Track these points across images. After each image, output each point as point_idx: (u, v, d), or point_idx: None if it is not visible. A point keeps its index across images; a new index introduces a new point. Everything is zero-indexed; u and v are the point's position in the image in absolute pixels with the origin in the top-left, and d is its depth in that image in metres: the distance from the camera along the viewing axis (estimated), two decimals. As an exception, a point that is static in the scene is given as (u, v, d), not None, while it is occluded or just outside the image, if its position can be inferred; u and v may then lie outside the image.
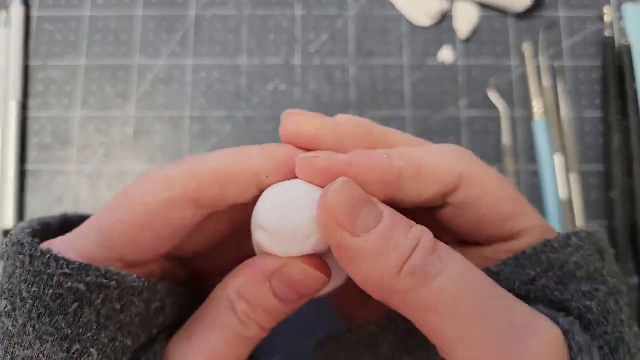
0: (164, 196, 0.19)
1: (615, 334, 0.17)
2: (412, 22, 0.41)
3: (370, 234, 0.17)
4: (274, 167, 0.19)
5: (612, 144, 0.38)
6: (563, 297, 0.18)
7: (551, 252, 0.19)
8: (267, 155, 0.19)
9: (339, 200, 0.17)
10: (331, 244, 0.18)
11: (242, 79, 0.41)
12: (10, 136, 0.39)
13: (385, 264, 0.16)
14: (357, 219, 0.17)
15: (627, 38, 0.40)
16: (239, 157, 0.19)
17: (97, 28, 0.41)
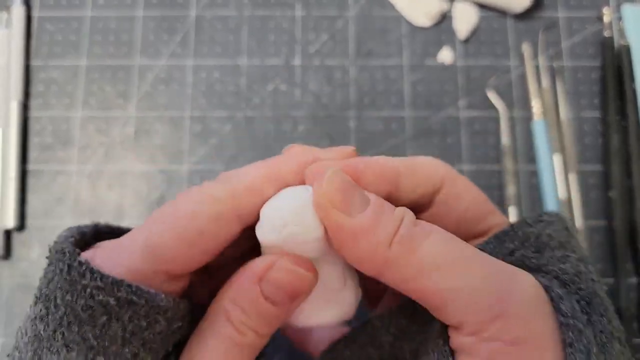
0: (214, 215, 0.20)
1: (589, 289, 0.19)
2: (412, 23, 0.42)
3: (362, 214, 0.19)
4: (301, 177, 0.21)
5: (611, 144, 0.38)
6: (540, 263, 0.20)
7: (527, 227, 0.21)
8: (298, 165, 0.21)
9: (333, 186, 0.19)
10: (329, 227, 0.19)
11: (242, 79, 0.41)
12: (11, 136, 0.39)
13: (377, 238, 0.18)
14: (349, 202, 0.19)
15: (626, 39, 0.40)
16: (272, 170, 0.21)
17: (98, 29, 0.42)
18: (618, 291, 0.36)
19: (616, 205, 0.37)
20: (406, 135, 0.40)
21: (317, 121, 0.40)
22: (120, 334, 0.18)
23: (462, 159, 0.39)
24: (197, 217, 0.20)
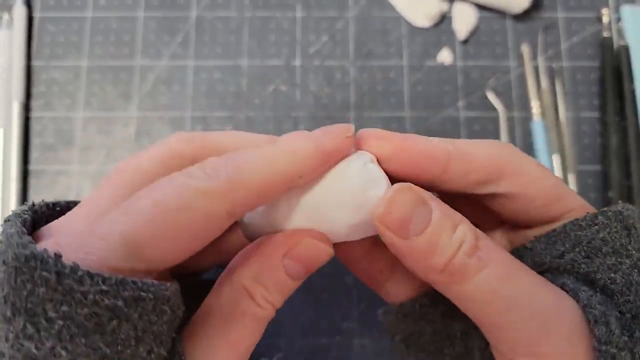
0: (204, 212, 0.18)
1: (637, 303, 0.19)
2: (412, 24, 0.42)
3: (419, 238, 0.19)
4: (309, 170, 0.20)
5: (610, 144, 0.38)
6: (589, 270, 0.20)
7: (579, 230, 0.21)
8: (301, 157, 0.19)
9: (392, 208, 0.19)
10: (385, 242, 0.20)
11: (243, 80, 0.41)
12: (13, 137, 0.39)
13: (430, 263, 0.19)
14: (408, 226, 0.19)
15: (625, 39, 0.40)
16: (275, 165, 0.19)
17: (99, 29, 0.42)
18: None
19: (615, 205, 0.37)
20: (406, 136, 0.40)
21: (317, 121, 0.40)
22: (132, 334, 0.17)
23: (461, 159, 0.39)
24: (185, 213, 0.18)
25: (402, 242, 0.19)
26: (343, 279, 0.37)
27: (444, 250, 0.19)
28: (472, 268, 0.19)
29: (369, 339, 0.36)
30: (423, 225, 0.19)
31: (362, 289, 0.37)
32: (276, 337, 0.36)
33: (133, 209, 0.18)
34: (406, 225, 0.19)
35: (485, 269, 0.19)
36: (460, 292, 0.19)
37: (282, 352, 0.36)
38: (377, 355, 0.36)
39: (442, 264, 0.19)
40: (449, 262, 0.19)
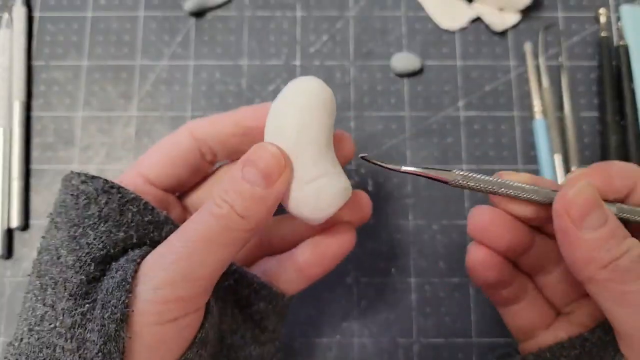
0: (184, 145, 0.28)
1: None
2: (439, 26, 0.42)
3: (593, 231, 0.21)
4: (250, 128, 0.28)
5: (610, 144, 0.38)
6: None
7: None
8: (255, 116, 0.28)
9: (576, 199, 0.22)
10: (557, 227, 0.22)
11: (243, 79, 0.41)
12: (15, 136, 0.39)
13: (596, 257, 0.21)
14: (584, 218, 0.21)
15: (624, 39, 0.41)
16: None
17: (99, 29, 0.42)
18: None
19: (615, 205, 0.37)
20: (406, 135, 0.40)
21: (317, 121, 0.40)
22: (97, 213, 0.24)
23: (461, 159, 0.40)
24: (172, 146, 0.29)
25: (575, 231, 0.21)
26: (343, 278, 0.37)
27: (613, 248, 0.21)
28: (635, 273, 0.21)
29: (369, 338, 0.36)
30: (598, 223, 0.21)
31: (362, 288, 0.37)
32: (276, 337, 0.36)
33: (152, 148, 0.30)
34: (584, 216, 0.21)
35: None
36: (614, 290, 0.21)
37: (282, 352, 0.36)
38: (377, 355, 0.36)
39: (607, 259, 0.21)
40: (615, 260, 0.21)
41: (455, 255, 0.38)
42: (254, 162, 0.23)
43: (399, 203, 0.39)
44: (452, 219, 0.38)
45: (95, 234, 0.23)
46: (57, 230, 0.24)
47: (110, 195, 0.25)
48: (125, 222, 0.24)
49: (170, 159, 0.28)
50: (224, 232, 0.23)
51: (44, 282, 0.23)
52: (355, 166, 0.39)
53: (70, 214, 0.24)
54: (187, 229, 0.23)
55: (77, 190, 0.24)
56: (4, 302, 0.37)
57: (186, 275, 0.22)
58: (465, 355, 0.36)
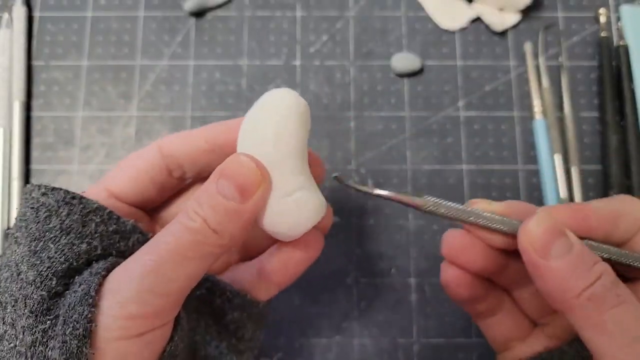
0: (150, 161, 0.27)
1: None
2: (439, 26, 0.42)
3: (558, 260, 0.21)
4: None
5: (610, 144, 0.38)
6: None
7: None
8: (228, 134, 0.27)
9: (536, 230, 0.21)
10: (525, 261, 0.22)
11: (243, 79, 0.41)
12: (15, 137, 0.39)
13: (567, 285, 0.21)
14: (549, 248, 0.21)
15: (624, 39, 0.41)
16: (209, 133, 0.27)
17: (99, 29, 0.42)
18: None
19: (615, 205, 0.37)
20: (406, 135, 0.40)
21: (317, 121, 0.40)
22: (58, 226, 0.23)
23: (461, 159, 0.40)
24: (138, 163, 0.27)
25: (542, 262, 0.21)
26: (343, 278, 0.37)
27: (582, 275, 0.21)
28: (610, 300, 0.20)
29: (368, 338, 0.36)
30: (563, 251, 0.21)
31: (362, 288, 0.37)
32: (276, 337, 0.36)
33: (119, 164, 0.28)
34: (548, 246, 0.21)
35: (622, 305, 0.20)
36: (591, 319, 0.20)
37: (282, 352, 0.36)
38: (377, 355, 0.36)
39: (580, 287, 0.20)
40: (587, 287, 0.20)
41: (455, 256, 0.38)
42: (229, 174, 0.22)
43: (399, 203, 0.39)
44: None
45: (56, 247, 0.23)
46: (17, 245, 0.23)
47: (72, 206, 0.24)
48: (89, 233, 0.24)
49: (134, 174, 0.27)
50: (196, 246, 0.22)
51: (4, 299, 0.22)
52: (355, 166, 0.39)
53: (31, 228, 0.23)
54: (157, 242, 0.22)
55: (37, 202, 0.24)
56: (3, 302, 0.37)
57: (154, 290, 0.21)
58: (465, 355, 0.36)
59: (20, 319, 0.21)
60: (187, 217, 0.22)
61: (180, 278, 0.21)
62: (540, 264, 0.21)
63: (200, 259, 0.22)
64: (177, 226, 0.22)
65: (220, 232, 0.22)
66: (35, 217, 0.23)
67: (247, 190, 0.22)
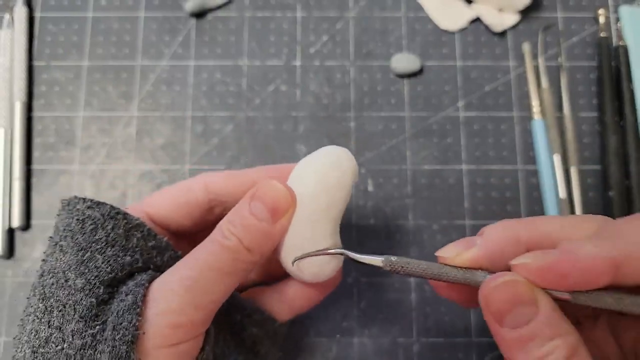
0: (195, 195, 0.29)
1: None
2: (438, 26, 0.42)
3: (513, 331, 0.20)
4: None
5: (609, 144, 0.39)
6: None
7: None
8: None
9: (495, 296, 0.21)
10: (485, 319, 0.21)
11: (243, 80, 0.41)
12: (16, 137, 0.39)
13: (514, 357, 0.20)
14: (504, 316, 0.20)
15: (624, 39, 0.41)
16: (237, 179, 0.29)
17: (100, 29, 0.42)
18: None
19: (615, 205, 0.37)
20: (406, 136, 0.40)
21: (317, 121, 0.40)
22: (104, 238, 0.25)
23: (461, 159, 0.40)
24: (183, 194, 0.29)
25: (496, 327, 0.21)
26: (343, 278, 0.38)
27: (532, 350, 0.20)
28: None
29: (369, 337, 0.37)
30: (519, 322, 0.20)
31: (363, 288, 0.37)
32: (277, 336, 0.37)
33: (163, 190, 0.30)
34: (503, 315, 0.20)
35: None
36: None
37: (282, 351, 0.36)
38: (377, 354, 0.36)
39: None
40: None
41: (455, 255, 0.38)
42: (261, 197, 0.24)
43: (399, 203, 0.39)
44: (452, 219, 0.39)
45: (103, 257, 0.24)
46: (62, 253, 0.24)
47: (117, 220, 0.25)
48: (131, 247, 0.25)
49: (177, 206, 0.29)
50: (231, 262, 0.24)
51: (49, 304, 0.23)
52: (355, 166, 0.39)
53: (77, 238, 0.24)
54: (195, 258, 0.24)
55: (83, 215, 0.25)
56: (5, 302, 0.37)
57: (194, 302, 0.23)
58: (465, 355, 0.36)
59: (69, 324, 0.22)
60: (223, 236, 0.24)
61: (216, 291, 0.24)
62: (493, 327, 0.21)
63: (235, 274, 0.24)
64: (214, 244, 0.24)
65: (253, 250, 0.24)
66: (81, 228, 0.25)
67: (277, 212, 0.25)
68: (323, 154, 0.26)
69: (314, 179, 0.25)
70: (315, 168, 0.26)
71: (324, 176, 0.26)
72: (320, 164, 0.26)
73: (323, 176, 0.26)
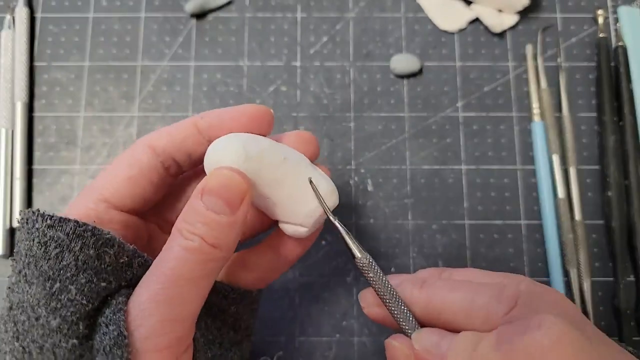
0: (145, 162, 0.26)
1: None
2: (438, 27, 0.42)
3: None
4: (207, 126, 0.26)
5: (608, 144, 0.39)
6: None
7: None
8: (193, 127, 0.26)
9: (388, 350, 0.25)
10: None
11: (244, 80, 0.41)
12: (17, 137, 0.39)
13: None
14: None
15: (622, 40, 0.41)
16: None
17: (100, 30, 0.42)
18: (616, 290, 0.37)
19: (613, 205, 0.38)
20: (405, 136, 0.40)
21: (317, 122, 0.40)
22: (73, 263, 0.22)
23: (460, 159, 0.40)
24: (130, 163, 0.26)
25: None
26: (343, 277, 0.38)
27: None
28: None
29: (368, 337, 0.37)
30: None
31: (362, 287, 0.37)
32: (276, 336, 0.37)
33: (106, 168, 0.27)
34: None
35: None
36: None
37: (283, 350, 0.36)
38: (377, 353, 0.36)
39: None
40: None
41: (454, 255, 0.38)
42: (214, 190, 0.23)
43: (399, 203, 0.39)
44: (451, 218, 0.39)
45: (76, 288, 0.21)
46: (28, 284, 0.21)
47: (84, 238, 0.22)
48: (103, 268, 0.22)
49: (132, 180, 0.26)
50: (200, 264, 0.22)
51: (25, 344, 0.21)
52: (355, 166, 0.40)
53: (41, 266, 0.21)
54: (163, 269, 0.22)
55: (45, 236, 0.22)
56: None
57: (173, 319, 0.21)
58: (464, 354, 0.36)
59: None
60: (184, 238, 0.22)
61: (194, 300, 0.22)
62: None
63: (207, 277, 0.23)
64: (177, 249, 0.22)
65: (219, 246, 0.23)
66: (44, 252, 0.21)
67: (235, 202, 0.23)
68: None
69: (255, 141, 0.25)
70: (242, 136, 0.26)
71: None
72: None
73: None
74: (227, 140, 0.25)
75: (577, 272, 0.37)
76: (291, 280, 0.38)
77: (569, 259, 0.37)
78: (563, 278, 0.37)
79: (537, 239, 0.38)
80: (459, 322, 0.23)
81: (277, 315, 0.37)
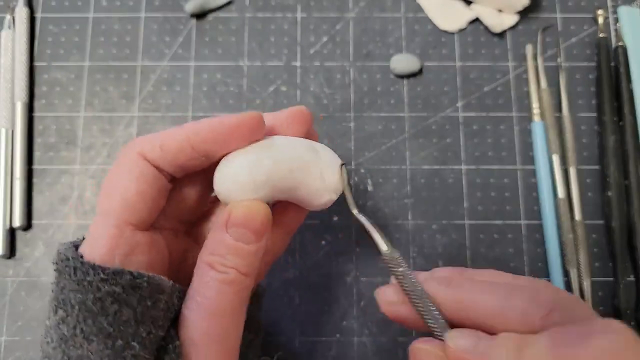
0: (150, 177, 0.25)
1: None
2: (438, 27, 0.42)
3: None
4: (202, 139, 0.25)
5: (608, 144, 0.39)
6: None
7: None
8: (213, 133, 0.25)
9: (414, 353, 0.24)
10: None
11: (244, 80, 0.41)
12: (17, 137, 0.39)
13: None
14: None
15: (622, 40, 0.41)
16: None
17: (100, 30, 0.42)
18: (616, 290, 0.37)
19: (613, 205, 0.38)
20: (405, 136, 0.40)
21: (317, 122, 0.40)
22: (132, 317, 0.21)
23: (460, 159, 0.40)
24: (124, 181, 0.24)
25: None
26: (343, 277, 0.38)
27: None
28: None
29: (368, 337, 0.37)
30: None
31: (362, 287, 0.37)
32: (276, 336, 0.37)
33: (103, 193, 0.25)
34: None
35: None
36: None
37: (283, 350, 0.36)
38: (377, 353, 0.36)
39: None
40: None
41: (454, 255, 0.38)
42: (240, 223, 0.24)
43: (399, 203, 0.39)
44: (451, 218, 0.39)
45: (138, 342, 0.21)
46: (87, 341, 0.21)
47: (141, 290, 0.22)
48: (159, 316, 0.22)
49: (144, 194, 0.24)
50: (237, 295, 0.23)
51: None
52: (354, 166, 0.40)
53: (100, 322, 0.21)
54: (205, 305, 0.23)
55: (99, 291, 0.21)
56: (5, 302, 0.37)
57: (226, 351, 0.23)
58: (464, 354, 0.36)
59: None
60: (217, 272, 0.23)
61: (237, 327, 0.24)
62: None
63: (244, 304, 0.24)
64: (214, 284, 0.23)
65: (249, 273, 0.24)
66: (101, 308, 0.21)
67: (261, 230, 0.24)
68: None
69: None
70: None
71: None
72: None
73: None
74: (233, 175, 0.25)
75: (577, 272, 0.37)
76: (291, 280, 0.38)
77: (569, 259, 0.37)
78: (563, 278, 0.37)
79: (537, 239, 0.38)
80: (492, 322, 0.22)
81: (277, 315, 0.37)
